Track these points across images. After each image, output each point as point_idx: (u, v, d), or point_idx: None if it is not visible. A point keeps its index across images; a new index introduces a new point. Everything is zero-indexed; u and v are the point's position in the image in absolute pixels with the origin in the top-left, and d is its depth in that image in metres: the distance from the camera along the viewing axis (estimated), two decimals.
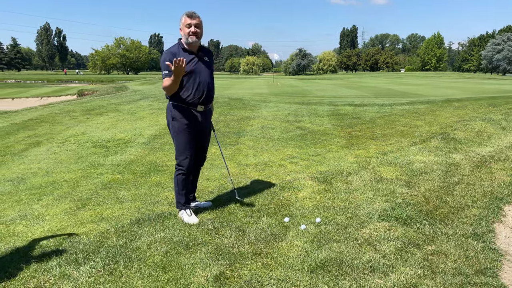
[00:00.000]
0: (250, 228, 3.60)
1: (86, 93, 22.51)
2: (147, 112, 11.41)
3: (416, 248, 3.19)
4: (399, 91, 21.84)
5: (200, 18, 3.62)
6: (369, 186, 4.71)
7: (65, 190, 4.80)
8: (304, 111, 11.46)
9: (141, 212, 4.05)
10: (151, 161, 6.15)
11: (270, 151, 6.76)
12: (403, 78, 47.88)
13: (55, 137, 8.13)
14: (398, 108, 11.62)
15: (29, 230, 3.63)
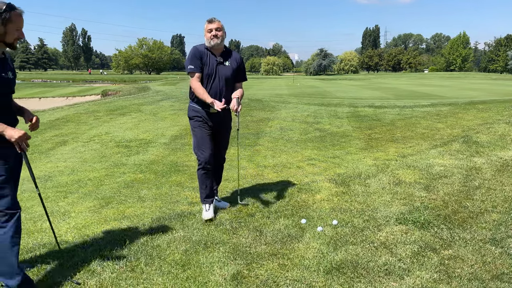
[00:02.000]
0: (267, 229, 3.66)
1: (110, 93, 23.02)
2: (169, 113, 11.61)
3: (433, 252, 3.19)
4: (422, 93, 21.51)
5: (220, 22, 3.77)
6: (387, 189, 4.70)
7: (90, 188, 4.98)
8: (323, 113, 11.45)
9: (161, 211, 4.17)
10: (171, 161, 6.29)
11: (288, 153, 6.81)
12: (426, 79, 47.05)
13: (80, 137, 8.39)
14: (419, 110, 11.48)
15: (55, 226, 3.78)
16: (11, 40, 2.53)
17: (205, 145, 3.89)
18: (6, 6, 2.43)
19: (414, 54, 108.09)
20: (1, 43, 2.52)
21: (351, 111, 11.79)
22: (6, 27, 2.46)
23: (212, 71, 3.78)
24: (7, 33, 2.48)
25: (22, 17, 2.54)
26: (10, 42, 2.53)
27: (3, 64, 2.57)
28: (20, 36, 2.56)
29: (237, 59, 3.94)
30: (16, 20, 2.49)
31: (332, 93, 22.28)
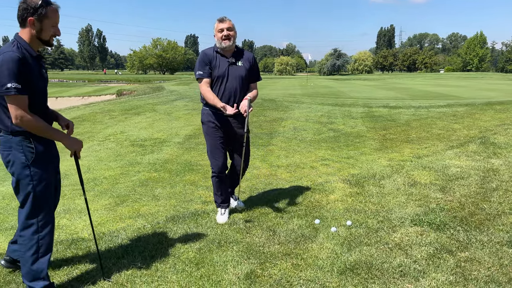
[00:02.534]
0: (281, 228, 3.66)
1: (125, 93, 23.27)
2: (183, 113, 11.69)
3: (449, 254, 3.15)
4: (437, 93, 21.22)
5: (231, 21, 3.65)
6: (402, 190, 4.66)
7: (105, 186, 5.04)
8: (337, 113, 11.39)
9: (176, 210, 4.21)
10: (185, 160, 6.33)
11: (302, 153, 6.79)
12: (442, 79, 46.38)
13: (96, 136, 8.51)
14: (435, 111, 11.34)
15: (72, 224, 3.86)
16: (47, 37, 2.46)
17: (218, 153, 3.80)
18: (42, 1, 2.36)
19: (429, 54, 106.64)
20: (37, 40, 2.45)
21: (365, 111, 11.69)
22: (42, 23, 2.39)
23: (223, 73, 3.65)
24: (43, 30, 2.42)
25: (58, 13, 2.46)
26: (46, 39, 2.46)
27: (40, 62, 2.52)
28: (56, 33, 2.49)
29: (249, 58, 3.81)
30: (52, 16, 2.42)
31: (346, 93, 22.14)
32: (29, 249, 2.53)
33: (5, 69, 2.26)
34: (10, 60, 2.27)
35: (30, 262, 2.54)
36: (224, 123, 3.75)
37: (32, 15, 2.36)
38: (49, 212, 2.59)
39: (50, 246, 2.62)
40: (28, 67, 2.36)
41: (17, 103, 2.30)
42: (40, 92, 2.50)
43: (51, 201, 2.63)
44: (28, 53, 2.40)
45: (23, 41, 2.41)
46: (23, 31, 2.42)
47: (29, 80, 2.36)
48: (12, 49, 2.33)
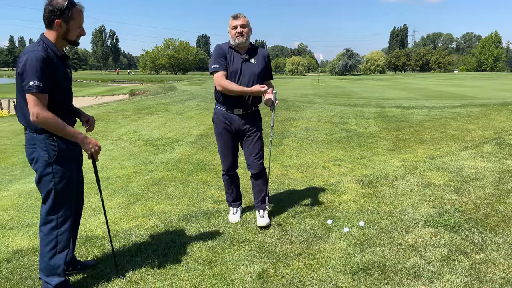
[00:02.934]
0: (293, 228, 3.66)
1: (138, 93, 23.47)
2: (195, 112, 11.75)
3: (464, 256, 3.11)
4: (451, 93, 20.96)
5: (246, 18, 3.55)
6: (415, 191, 4.61)
7: (119, 185, 5.10)
8: (349, 113, 11.33)
9: (188, 209, 4.23)
10: (198, 159, 6.36)
11: (314, 153, 6.77)
12: (456, 79, 45.78)
13: (109, 135, 8.60)
14: (449, 111, 11.20)
15: (86, 222, 3.90)
16: (74, 37, 2.52)
17: (228, 153, 3.78)
18: (68, 3, 2.41)
19: (443, 54, 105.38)
20: (63, 41, 2.51)
21: (378, 111, 11.61)
22: (69, 24, 2.46)
23: (237, 70, 3.57)
24: (70, 31, 2.48)
25: (83, 14, 2.52)
26: (73, 39, 2.53)
27: (65, 61, 2.58)
28: (81, 33, 2.56)
29: (264, 56, 3.71)
30: (77, 17, 2.48)
31: (358, 93, 21.99)
32: (47, 244, 2.59)
33: (28, 67, 2.32)
34: (34, 59, 2.33)
35: (48, 257, 2.59)
36: (235, 122, 3.67)
37: (59, 17, 2.42)
38: (69, 209, 2.65)
39: (68, 243, 2.67)
40: (53, 66, 2.42)
41: (36, 101, 2.34)
42: (64, 90, 2.57)
43: (72, 198, 2.68)
44: (53, 53, 2.46)
45: (48, 41, 2.47)
46: (49, 32, 2.48)
47: (54, 79, 2.42)
48: (37, 48, 2.39)
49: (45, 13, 2.43)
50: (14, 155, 6.97)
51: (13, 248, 3.36)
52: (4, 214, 4.14)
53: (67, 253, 2.68)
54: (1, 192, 4.88)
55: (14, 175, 5.69)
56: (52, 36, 2.48)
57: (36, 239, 3.52)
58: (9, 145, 7.85)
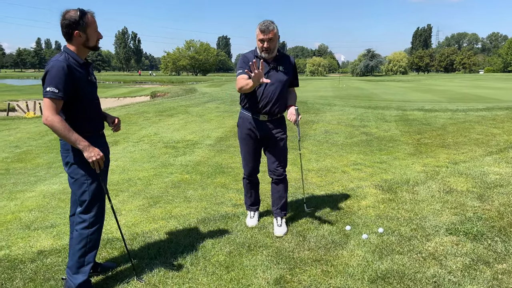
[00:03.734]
0: (311, 234, 3.65)
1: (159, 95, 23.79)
2: (214, 115, 11.83)
3: (486, 265, 3.04)
4: (476, 95, 20.45)
5: (274, 30, 3.43)
6: (436, 198, 4.53)
7: (139, 187, 5.18)
8: (370, 116, 11.20)
9: (206, 212, 4.27)
10: (217, 162, 6.40)
11: (333, 157, 6.72)
12: (482, 80, 44.64)
13: (131, 137, 8.75)
14: (473, 114, 10.94)
15: (107, 223, 3.97)
16: (93, 43, 2.67)
17: (250, 159, 3.78)
18: (80, 13, 2.54)
19: (468, 54, 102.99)
20: (85, 48, 2.66)
21: (400, 114, 11.44)
22: (87, 32, 2.60)
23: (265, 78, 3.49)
24: (89, 38, 2.63)
25: (95, 18, 2.65)
26: (93, 45, 2.67)
27: (88, 68, 2.72)
28: (99, 36, 2.70)
29: (291, 64, 3.69)
30: (91, 22, 2.61)
31: (379, 95, 21.70)
32: (79, 243, 2.73)
33: (48, 75, 2.51)
34: (55, 68, 2.50)
35: (78, 256, 2.73)
36: (259, 128, 3.65)
37: (76, 28, 2.56)
38: (100, 210, 2.80)
39: (97, 243, 2.82)
40: (75, 74, 2.57)
41: (49, 105, 2.50)
42: (88, 96, 2.71)
43: (102, 200, 2.82)
44: (76, 61, 2.60)
45: (70, 51, 2.62)
46: (70, 43, 2.63)
47: (74, 86, 2.56)
48: (59, 58, 2.56)
49: (63, 29, 2.58)
50: (40, 156, 7.18)
51: (37, 248, 3.46)
52: (29, 214, 4.27)
53: (95, 253, 2.82)
54: (27, 193, 5.03)
55: (39, 176, 5.86)
56: (74, 46, 2.63)
57: (59, 240, 3.62)
58: (35, 146, 8.08)
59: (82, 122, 2.66)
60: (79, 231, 2.74)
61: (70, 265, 2.76)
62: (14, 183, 5.52)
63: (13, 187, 5.33)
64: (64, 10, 2.59)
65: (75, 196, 2.78)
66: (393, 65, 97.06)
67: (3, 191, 5.16)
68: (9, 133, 9.73)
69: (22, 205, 4.57)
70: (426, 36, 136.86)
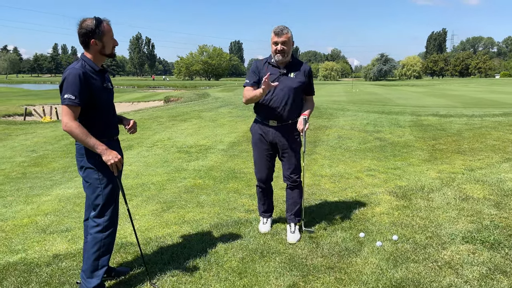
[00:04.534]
0: (324, 241, 3.62)
1: (172, 100, 23.97)
2: (227, 119, 11.87)
3: (503, 275, 2.98)
4: (492, 100, 20.13)
5: (288, 34, 3.46)
6: (452, 205, 4.46)
7: (153, 192, 5.22)
8: (384, 121, 11.10)
9: (219, 217, 4.27)
10: (229, 167, 6.41)
11: (346, 162, 6.68)
12: (498, 85, 43.94)
13: (144, 142, 8.83)
14: (489, 120, 10.76)
15: (121, 228, 4.01)
16: (109, 50, 2.73)
17: (263, 166, 3.78)
18: (96, 21, 2.61)
19: (484, 59, 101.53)
20: (101, 56, 2.73)
21: (414, 119, 11.32)
22: (103, 40, 2.66)
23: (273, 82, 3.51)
24: (105, 46, 2.69)
25: (110, 26, 2.72)
26: (109, 52, 2.74)
27: (104, 75, 2.79)
28: (114, 44, 2.76)
29: (305, 71, 3.65)
30: (107, 30, 2.67)
31: (393, 100, 21.52)
32: (93, 246, 2.77)
33: (66, 83, 2.58)
34: (71, 75, 2.57)
35: (92, 259, 2.77)
36: (269, 133, 3.65)
37: (92, 37, 2.63)
38: (114, 214, 2.84)
39: (110, 247, 2.85)
40: (91, 81, 2.64)
41: (67, 112, 2.57)
42: (104, 102, 2.76)
43: (116, 204, 2.87)
44: (92, 68, 2.68)
45: (87, 58, 2.70)
46: (88, 51, 2.70)
47: (90, 93, 2.62)
48: (76, 66, 2.63)
49: (80, 37, 2.66)
50: (55, 160, 7.29)
51: (52, 252, 3.50)
52: (45, 218, 4.33)
53: (109, 257, 2.85)
54: (43, 197, 5.11)
55: (55, 180, 5.95)
56: (90, 54, 2.70)
57: (74, 244, 3.66)
58: (51, 150, 8.21)
59: (98, 128, 2.70)
60: (93, 235, 2.77)
61: (84, 268, 2.80)
62: (30, 187, 5.61)
63: (30, 191, 5.42)
64: (81, 19, 2.66)
65: (89, 200, 2.83)
66: (406, 69, 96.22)
67: (20, 194, 5.25)
68: (26, 138, 9.91)
69: (38, 209, 4.64)
70: (441, 40, 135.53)
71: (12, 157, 7.66)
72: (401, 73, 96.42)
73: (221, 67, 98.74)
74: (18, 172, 6.47)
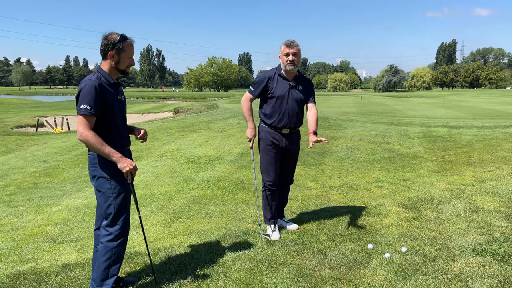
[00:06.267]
0: (332, 252, 3.61)
1: (181, 111, 24.14)
2: (236, 130, 11.92)
3: None
4: (503, 112, 19.94)
5: (298, 47, 3.83)
6: (462, 217, 4.41)
7: (161, 202, 5.25)
8: (393, 132, 11.06)
9: (227, 228, 4.28)
10: (237, 178, 6.43)
11: (355, 173, 6.66)
12: (509, 96, 43.52)
13: (154, 152, 8.90)
14: (500, 131, 10.66)
15: (130, 238, 4.03)
16: (124, 67, 2.84)
17: (272, 169, 3.98)
18: (120, 37, 2.74)
19: (494, 70, 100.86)
20: (116, 70, 2.83)
21: (423, 130, 11.25)
22: (120, 56, 2.77)
23: (284, 94, 3.86)
24: (121, 62, 2.80)
25: (132, 46, 2.85)
26: (123, 69, 2.84)
27: (118, 88, 2.89)
28: (131, 63, 2.88)
29: (309, 85, 4.03)
30: (128, 49, 2.79)
31: (402, 111, 21.43)
32: (104, 255, 2.82)
33: (81, 93, 2.67)
34: (88, 86, 2.66)
35: (102, 268, 2.82)
36: (282, 140, 3.95)
37: (112, 49, 2.75)
38: (125, 223, 2.88)
39: (121, 256, 2.89)
40: (106, 92, 2.73)
41: (82, 122, 2.64)
42: (117, 113, 2.84)
43: (127, 214, 2.91)
44: (107, 80, 2.78)
45: (103, 71, 2.80)
46: (104, 63, 2.82)
47: (106, 104, 2.72)
48: (92, 77, 2.73)
49: (102, 46, 2.78)
50: (66, 170, 7.38)
51: (62, 262, 3.54)
52: (55, 228, 4.38)
53: (119, 266, 2.89)
54: (53, 207, 5.17)
55: (65, 190, 6.02)
56: (106, 66, 2.81)
57: (83, 253, 3.69)
58: (62, 161, 8.32)
59: (111, 138, 2.76)
60: (104, 243, 2.81)
61: (94, 277, 2.84)
62: (41, 197, 5.68)
63: (40, 200, 5.48)
64: (108, 32, 2.78)
65: (101, 210, 2.87)
66: (416, 80, 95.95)
67: (31, 204, 5.31)
68: (37, 148, 10.05)
69: (48, 219, 4.70)
70: (451, 51, 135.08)
71: (24, 167, 7.78)
72: (411, 84, 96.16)
73: (230, 79, 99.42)
74: (29, 182, 6.56)
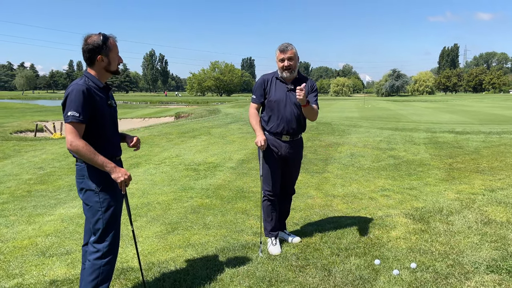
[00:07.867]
0: (337, 268, 3.38)
1: (183, 116, 24.00)
2: (237, 136, 11.72)
3: None
4: (509, 117, 19.66)
5: (293, 50, 3.60)
6: (474, 229, 4.18)
7: (158, 212, 5.04)
8: (397, 138, 10.83)
9: (226, 241, 4.06)
10: (238, 186, 6.22)
11: (359, 182, 6.43)
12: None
13: (152, 159, 8.69)
14: (508, 137, 10.41)
15: (123, 251, 3.83)
16: (115, 67, 2.65)
17: (273, 178, 3.77)
18: (103, 38, 2.53)
19: (498, 74, 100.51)
20: (106, 73, 2.63)
21: (429, 136, 11.02)
22: (109, 57, 2.58)
23: (281, 98, 3.66)
24: (111, 62, 2.61)
25: (116, 43, 2.64)
26: (114, 69, 2.65)
27: (107, 92, 2.68)
28: (119, 61, 2.68)
29: (311, 86, 3.79)
30: (113, 46, 2.60)
31: (406, 116, 21.18)
32: (91, 274, 2.62)
33: (68, 99, 2.47)
34: (75, 92, 2.46)
35: (89, 287, 2.61)
36: (282, 147, 3.74)
37: (99, 53, 2.54)
38: (114, 240, 2.67)
39: (109, 275, 2.68)
40: (95, 97, 2.53)
41: (71, 130, 2.44)
42: (108, 120, 2.65)
43: (117, 229, 2.70)
44: (95, 85, 2.58)
45: (90, 75, 2.60)
46: (91, 68, 2.61)
47: (95, 109, 2.52)
48: (79, 82, 2.53)
49: (86, 53, 2.56)
50: (62, 178, 7.18)
51: (50, 277, 3.33)
52: (46, 240, 4.18)
53: (108, 286, 2.68)
54: (46, 217, 4.96)
55: (59, 198, 5.82)
56: (94, 71, 2.60)
57: (73, 268, 3.48)
58: (58, 167, 8.12)
59: (101, 147, 2.55)
60: (91, 261, 2.61)
61: None
62: (34, 206, 5.48)
63: (33, 210, 5.28)
64: (86, 35, 2.57)
65: (89, 224, 2.67)
66: (419, 85, 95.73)
67: (23, 214, 5.11)
68: (34, 154, 9.87)
69: (39, 230, 4.50)
70: (454, 56, 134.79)
71: (19, 174, 7.59)
72: (414, 88, 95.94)
73: (232, 83, 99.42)
74: (23, 190, 6.37)
